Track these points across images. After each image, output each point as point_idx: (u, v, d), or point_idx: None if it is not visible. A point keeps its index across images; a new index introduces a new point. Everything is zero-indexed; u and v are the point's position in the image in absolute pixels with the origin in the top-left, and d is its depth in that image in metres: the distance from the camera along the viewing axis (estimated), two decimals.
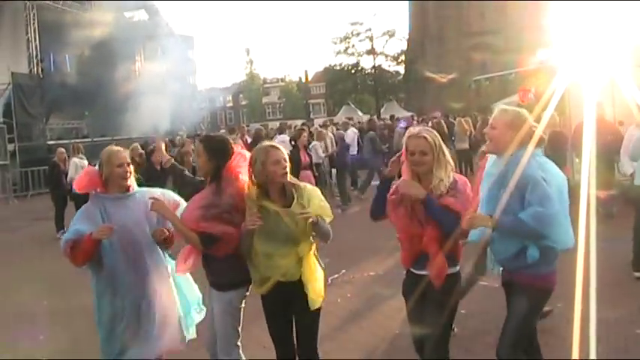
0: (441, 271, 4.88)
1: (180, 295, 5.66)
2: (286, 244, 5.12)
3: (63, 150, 17.81)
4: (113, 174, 5.33)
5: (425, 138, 4.95)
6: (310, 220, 4.97)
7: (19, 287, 11.32)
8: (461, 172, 5.75)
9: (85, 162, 17.42)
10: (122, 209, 5.34)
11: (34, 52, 34.05)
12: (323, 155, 18.83)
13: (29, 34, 33.68)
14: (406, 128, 23.89)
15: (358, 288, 9.74)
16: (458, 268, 5.04)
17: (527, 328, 4.99)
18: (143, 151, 15.34)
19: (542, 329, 6.98)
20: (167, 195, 5.59)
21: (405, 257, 5.18)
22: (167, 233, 5.38)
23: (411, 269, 5.16)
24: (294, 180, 5.26)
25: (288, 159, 5.21)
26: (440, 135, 5.16)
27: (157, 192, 5.57)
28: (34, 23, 33.67)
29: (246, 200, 5.20)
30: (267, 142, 5.44)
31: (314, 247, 5.31)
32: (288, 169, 5.14)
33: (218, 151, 5.37)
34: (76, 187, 5.53)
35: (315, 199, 5.20)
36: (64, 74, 39.44)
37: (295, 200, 5.16)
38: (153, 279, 5.37)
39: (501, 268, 5.18)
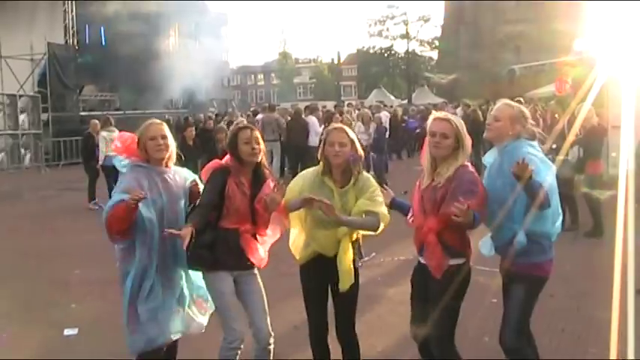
0: (439, 262, 4.86)
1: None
2: (330, 221, 5.13)
3: (97, 122, 17.84)
4: (147, 146, 5.27)
5: (449, 121, 4.93)
6: (329, 214, 5.02)
7: (52, 256, 11.46)
8: None
9: (115, 134, 17.47)
10: (165, 183, 5.29)
11: (70, 24, 34.22)
12: (366, 138, 17.94)
13: (66, 6, 33.86)
14: (415, 129, 23.73)
15: (388, 272, 9.75)
16: (463, 260, 4.95)
17: (527, 316, 5.06)
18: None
19: (556, 329, 6.99)
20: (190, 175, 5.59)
21: (415, 245, 5.17)
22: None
23: (419, 257, 5.14)
24: (360, 168, 5.30)
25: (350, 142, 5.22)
26: (476, 122, 5.21)
27: (183, 172, 5.55)
28: None
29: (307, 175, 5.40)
30: (335, 125, 5.55)
31: (358, 235, 5.35)
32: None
33: None
34: (124, 152, 5.39)
35: (366, 192, 5.23)
36: (98, 46, 39.67)
37: (351, 184, 5.23)
38: (183, 259, 5.29)
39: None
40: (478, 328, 6.57)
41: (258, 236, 5.37)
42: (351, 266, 5.23)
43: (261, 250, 5.34)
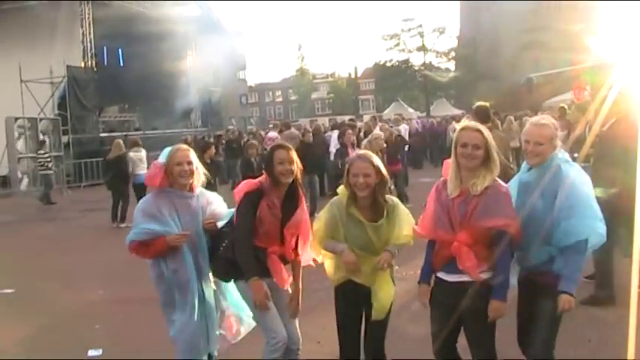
0: (474, 263, 4.70)
1: (229, 295, 5.69)
2: (365, 251, 5.11)
3: (121, 142, 18.09)
4: (173, 172, 5.36)
5: (480, 132, 4.77)
6: (386, 266, 5.07)
7: (75, 277, 11.50)
8: None
9: (142, 154, 17.69)
10: (188, 210, 5.42)
11: (89, 46, 34.45)
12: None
13: (84, 28, 34.09)
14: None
15: (410, 286, 9.67)
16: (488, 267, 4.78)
17: (557, 327, 4.93)
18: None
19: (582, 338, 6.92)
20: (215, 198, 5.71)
21: (436, 263, 5.00)
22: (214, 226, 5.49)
23: (441, 275, 4.97)
24: (388, 196, 5.23)
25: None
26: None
27: (209, 195, 5.66)
28: (88, 17, 34.03)
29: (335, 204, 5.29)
30: (360, 152, 5.48)
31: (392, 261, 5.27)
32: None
33: None
34: (149, 182, 5.54)
35: (402, 220, 5.18)
36: (116, 68, 39.94)
37: (385, 216, 5.13)
38: (207, 278, 5.51)
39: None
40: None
41: (286, 256, 5.39)
42: (389, 300, 5.21)
43: (284, 273, 5.36)
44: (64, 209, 23.02)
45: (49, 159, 26.27)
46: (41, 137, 29.26)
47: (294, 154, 5.33)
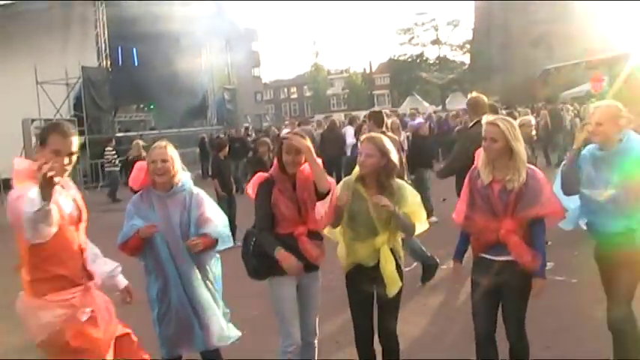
0: (530, 255, 5.02)
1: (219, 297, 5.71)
2: (366, 231, 5.34)
3: (140, 142, 18.13)
4: (150, 169, 5.44)
5: (497, 125, 5.07)
6: (382, 204, 5.15)
7: None
8: None
9: None
10: (164, 208, 5.44)
11: (103, 46, 34.52)
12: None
13: (98, 29, 34.16)
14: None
15: (433, 280, 9.58)
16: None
17: (631, 296, 5.33)
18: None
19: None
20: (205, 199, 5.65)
21: (477, 247, 5.30)
22: (200, 246, 5.36)
23: (484, 255, 5.25)
24: (397, 180, 5.48)
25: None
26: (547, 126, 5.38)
27: (202, 199, 5.61)
28: (102, 18, 34.13)
29: (346, 182, 5.48)
30: (369, 135, 5.70)
31: (396, 239, 5.46)
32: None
33: None
34: (132, 184, 5.70)
35: (407, 201, 5.38)
36: (131, 67, 40.02)
37: (385, 195, 5.29)
38: (192, 276, 5.46)
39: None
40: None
41: (313, 230, 5.46)
42: (395, 272, 5.35)
43: (316, 249, 5.42)
44: None
45: (115, 155, 26.45)
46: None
47: (301, 143, 5.33)
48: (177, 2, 35.83)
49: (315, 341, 5.62)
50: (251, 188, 5.59)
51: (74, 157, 4.43)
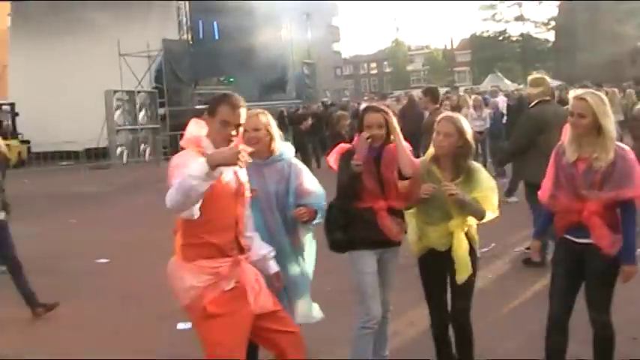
0: (611, 239, 4.77)
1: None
2: (439, 215, 5.18)
3: None
4: (244, 139, 5.07)
5: (585, 100, 4.77)
6: (450, 193, 4.99)
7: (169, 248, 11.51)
8: None
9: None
10: (260, 176, 5.21)
11: (184, 20, 34.80)
12: (480, 124, 18.00)
13: (180, 2, 34.42)
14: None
15: (507, 264, 9.34)
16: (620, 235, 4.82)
17: None
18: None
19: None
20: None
21: (560, 227, 5.04)
22: (306, 216, 5.21)
23: (566, 236, 5.00)
24: (474, 163, 5.34)
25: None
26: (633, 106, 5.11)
27: (297, 162, 5.49)
28: None
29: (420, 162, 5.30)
30: (446, 114, 5.51)
31: (470, 224, 5.25)
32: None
33: None
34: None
35: (481, 186, 5.20)
36: (212, 41, 40.28)
37: (462, 178, 5.16)
38: (286, 249, 5.28)
39: None
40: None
41: (394, 206, 5.29)
42: (467, 257, 5.16)
43: (396, 226, 5.27)
44: (160, 180, 23.28)
45: None
46: None
47: (383, 118, 5.22)
48: None
49: (387, 317, 5.51)
50: (332, 159, 5.49)
51: (241, 129, 4.43)
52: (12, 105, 32.61)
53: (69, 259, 11.08)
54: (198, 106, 34.60)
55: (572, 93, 5.02)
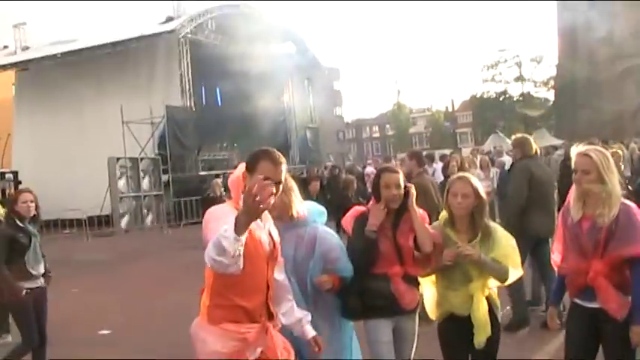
0: (619, 303, 4.56)
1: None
2: (460, 279, 5.01)
3: (219, 181, 18.22)
4: None
5: (589, 156, 4.67)
6: (465, 254, 4.84)
7: (177, 316, 11.17)
8: None
9: None
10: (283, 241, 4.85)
11: (187, 86, 34.89)
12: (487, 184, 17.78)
13: (182, 69, 34.58)
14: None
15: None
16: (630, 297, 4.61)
17: None
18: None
19: None
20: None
21: (570, 291, 4.88)
22: (329, 284, 5.06)
23: (577, 300, 4.83)
24: (490, 222, 5.16)
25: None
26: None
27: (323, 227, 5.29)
28: (186, 58, 34.56)
29: (434, 228, 5.18)
30: (460, 174, 5.41)
31: (491, 287, 5.10)
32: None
33: None
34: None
35: (500, 244, 5.02)
36: (215, 107, 40.46)
37: (479, 238, 4.98)
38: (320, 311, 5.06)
39: None
40: None
41: (410, 274, 5.16)
42: (487, 320, 4.93)
43: (411, 293, 5.16)
44: (165, 247, 23.09)
45: None
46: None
47: (401, 178, 5.13)
48: (259, 42, 36.14)
49: None
50: (346, 222, 5.36)
51: (281, 187, 4.12)
52: (15, 173, 32.49)
53: (69, 329, 10.66)
54: (202, 172, 34.68)
55: (575, 150, 4.87)
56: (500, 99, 77.42)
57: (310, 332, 4.62)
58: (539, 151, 10.30)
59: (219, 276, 3.96)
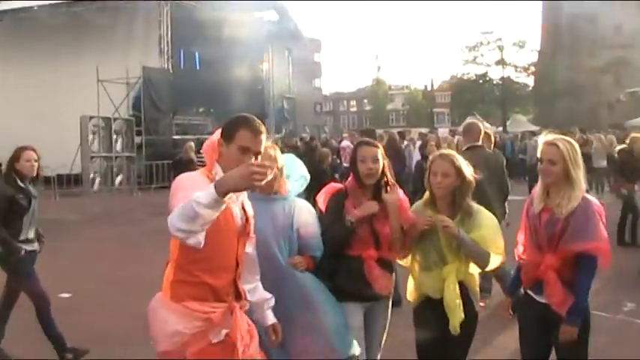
0: (562, 299, 4.46)
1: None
2: (434, 259, 4.86)
3: (192, 144, 17.96)
4: None
5: (557, 146, 4.50)
6: (444, 225, 4.69)
7: (136, 287, 10.88)
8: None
9: None
10: (262, 212, 4.60)
11: (166, 48, 34.40)
12: None
13: (162, 30, 34.04)
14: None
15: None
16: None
17: None
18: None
19: None
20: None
21: (524, 281, 4.81)
22: (305, 266, 4.84)
23: (529, 292, 4.75)
24: (474, 203, 4.94)
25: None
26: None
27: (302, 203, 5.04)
28: (167, 19, 34.04)
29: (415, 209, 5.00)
30: (441, 152, 5.23)
31: (469, 271, 4.91)
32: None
33: None
34: None
35: (482, 226, 4.83)
36: (193, 71, 39.95)
37: (458, 217, 4.80)
38: (286, 283, 4.76)
39: None
40: None
41: (385, 258, 4.97)
42: (457, 304, 4.77)
43: (384, 278, 4.95)
44: (134, 210, 22.79)
45: None
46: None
47: (379, 152, 4.88)
48: (241, 8, 35.66)
49: None
50: (321, 199, 5.11)
51: (259, 158, 3.83)
52: None
53: None
54: (175, 136, 34.28)
55: (542, 138, 4.70)
56: (480, 81, 77.31)
57: (271, 318, 4.38)
58: (492, 138, 10.00)
59: (185, 249, 3.69)
